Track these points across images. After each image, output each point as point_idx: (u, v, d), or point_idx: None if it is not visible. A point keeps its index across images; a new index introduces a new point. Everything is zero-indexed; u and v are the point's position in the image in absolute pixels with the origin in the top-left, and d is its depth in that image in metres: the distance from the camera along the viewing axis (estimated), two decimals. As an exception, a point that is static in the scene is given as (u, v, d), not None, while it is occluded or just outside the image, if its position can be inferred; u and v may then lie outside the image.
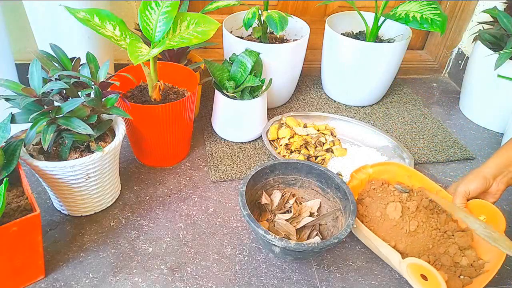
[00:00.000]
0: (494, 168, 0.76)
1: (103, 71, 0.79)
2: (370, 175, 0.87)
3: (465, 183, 0.77)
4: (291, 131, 1.06)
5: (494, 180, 0.76)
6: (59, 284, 0.72)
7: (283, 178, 0.87)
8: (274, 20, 1.00)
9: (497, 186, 0.76)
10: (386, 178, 0.87)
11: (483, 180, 0.75)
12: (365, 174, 0.86)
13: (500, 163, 0.76)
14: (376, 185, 0.85)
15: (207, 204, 0.90)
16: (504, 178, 0.76)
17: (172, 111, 0.88)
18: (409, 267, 0.68)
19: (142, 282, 0.74)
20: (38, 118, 0.70)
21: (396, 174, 0.87)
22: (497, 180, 0.76)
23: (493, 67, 1.10)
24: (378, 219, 0.80)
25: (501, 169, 0.76)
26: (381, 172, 0.87)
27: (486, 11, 1.21)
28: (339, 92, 1.28)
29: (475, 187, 0.76)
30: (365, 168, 0.86)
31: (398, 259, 0.71)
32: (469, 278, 0.73)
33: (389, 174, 0.87)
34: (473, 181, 0.76)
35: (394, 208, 0.79)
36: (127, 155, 1.02)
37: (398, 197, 0.81)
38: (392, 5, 1.39)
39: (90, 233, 0.82)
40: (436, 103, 1.35)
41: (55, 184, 0.76)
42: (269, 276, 0.77)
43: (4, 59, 1.00)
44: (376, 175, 0.87)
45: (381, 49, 1.15)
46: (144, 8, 0.82)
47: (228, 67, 1.05)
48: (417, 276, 0.67)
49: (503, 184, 0.76)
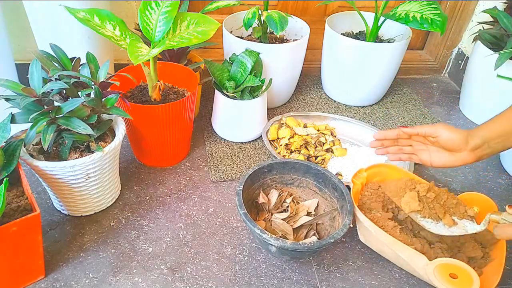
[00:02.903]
0: (480, 139, 0.70)
1: (103, 71, 0.79)
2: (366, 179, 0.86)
3: (445, 126, 0.72)
4: (291, 131, 1.06)
5: (470, 150, 0.70)
6: (59, 284, 0.72)
7: (280, 178, 0.87)
8: (274, 20, 1.00)
9: (466, 155, 0.71)
10: (380, 180, 0.86)
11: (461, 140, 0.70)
12: (362, 179, 0.86)
13: (485, 136, 0.69)
14: (373, 189, 0.85)
15: (207, 204, 0.91)
16: (479, 153, 0.70)
17: (172, 111, 0.88)
18: (437, 268, 0.68)
19: (142, 282, 0.74)
20: (38, 118, 0.70)
21: (388, 175, 0.87)
22: (474, 151, 0.70)
23: (493, 67, 1.09)
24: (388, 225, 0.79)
25: (483, 142, 0.69)
26: (374, 174, 0.87)
27: (486, 11, 1.21)
28: (339, 92, 1.28)
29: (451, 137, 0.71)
30: (360, 173, 0.86)
31: (424, 261, 0.69)
32: (480, 269, 0.73)
33: (381, 176, 0.87)
34: (454, 132, 0.71)
35: (410, 197, 0.76)
36: (127, 155, 1.02)
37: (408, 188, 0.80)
38: (392, 5, 1.39)
39: (90, 233, 0.82)
40: (436, 103, 1.35)
41: (55, 184, 0.76)
42: (269, 276, 0.77)
43: (4, 59, 1.00)
44: (370, 178, 0.86)
45: (381, 49, 1.15)
46: (144, 8, 0.82)
47: (228, 67, 1.05)
48: (446, 276, 0.67)
49: (473, 158, 0.71)
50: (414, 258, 0.71)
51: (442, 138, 0.72)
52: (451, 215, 0.75)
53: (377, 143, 0.83)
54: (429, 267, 0.68)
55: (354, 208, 0.76)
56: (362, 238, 0.81)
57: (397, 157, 0.82)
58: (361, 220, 0.75)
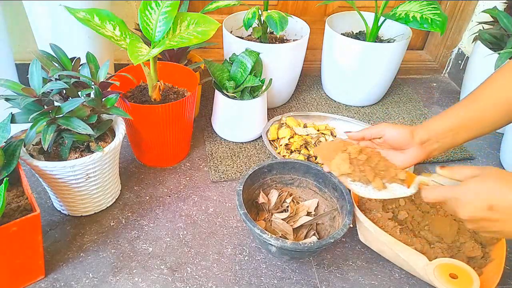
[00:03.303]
0: (425, 132, 0.67)
1: (103, 71, 0.79)
2: None
3: (388, 124, 0.70)
4: (291, 131, 1.06)
5: (418, 145, 0.68)
6: (59, 284, 0.72)
7: (280, 178, 0.87)
8: (274, 20, 1.00)
9: (417, 151, 0.68)
10: None
11: (407, 135, 0.68)
12: None
13: (431, 129, 0.68)
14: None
15: (207, 204, 0.91)
16: (428, 147, 0.68)
17: (172, 111, 0.88)
18: (437, 268, 0.68)
19: (142, 282, 0.74)
20: (38, 118, 0.70)
21: None
22: (422, 145, 0.68)
23: (493, 67, 1.09)
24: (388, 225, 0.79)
25: (430, 136, 0.67)
26: None
27: (486, 11, 1.21)
28: (339, 92, 1.28)
29: (396, 133, 0.69)
30: None
31: (424, 261, 0.69)
32: (480, 269, 0.73)
33: None
34: (398, 128, 0.69)
35: (341, 160, 0.72)
36: (127, 155, 1.02)
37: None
38: (392, 5, 1.39)
39: (90, 233, 0.82)
40: (436, 103, 1.35)
41: (55, 184, 0.76)
42: (269, 276, 0.77)
43: (4, 59, 1.00)
44: None
45: (381, 49, 1.15)
46: (144, 8, 0.82)
47: (228, 67, 1.05)
48: (446, 276, 0.67)
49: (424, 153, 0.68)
50: (414, 258, 0.71)
51: (387, 136, 0.70)
52: (382, 178, 0.70)
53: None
54: (429, 267, 0.68)
55: (354, 208, 0.75)
56: (362, 238, 0.81)
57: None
58: (361, 220, 0.75)
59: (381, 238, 0.73)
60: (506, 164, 1.08)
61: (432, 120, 0.69)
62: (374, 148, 0.74)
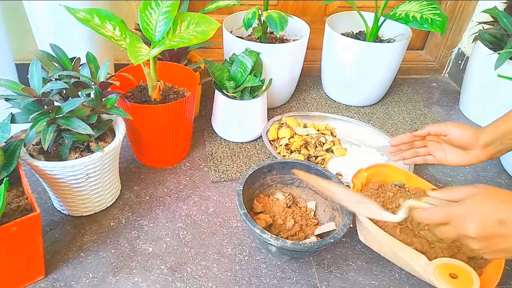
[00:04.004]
0: (490, 136, 0.70)
1: (103, 71, 0.79)
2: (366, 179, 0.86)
3: (454, 124, 0.73)
4: (291, 131, 1.06)
5: (482, 148, 0.71)
6: (59, 284, 0.72)
7: (280, 178, 0.87)
8: (274, 20, 1.01)
9: (479, 153, 0.71)
10: (379, 180, 0.86)
11: (472, 137, 0.70)
12: (362, 179, 0.86)
13: (496, 132, 0.70)
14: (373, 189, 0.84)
15: (207, 204, 0.91)
16: (491, 150, 0.70)
17: (172, 111, 0.88)
18: (437, 268, 0.68)
19: (142, 282, 0.74)
20: (38, 118, 0.70)
21: (388, 175, 0.87)
22: (486, 149, 0.71)
23: (493, 67, 1.09)
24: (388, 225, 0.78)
25: (494, 140, 0.70)
26: (374, 174, 0.87)
27: (486, 11, 1.21)
28: (339, 92, 1.28)
29: (461, 134, 0.71)
30: (360, 173, 0.86)
31: (424, 261, 0.69)
32: (480, 269, 0.73)
33: (381, 176, 0.87)
34: (464, 129, 0.71)
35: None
36: (127, 155, 1.02)
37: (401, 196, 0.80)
38: (392, 5, 1.39)
39: (90, 233, 0.82)
40: (436, 103, 1.36)
41: (55, 184, 0.76)
42: (269, 276, 0.77)
43: (4, 59, 1.00)
44: (370, 178, 0.86)
45: (381, 49, 1.15)
46: (144, 8, 0.82)
47: (228, 67, 1.05)
48: (445, 276, 0.67)
49: (486, 155, 0.71)
50: (414, 258, 0.71)
51: (453, 135, 0.73)
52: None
53: (394, 149, 0.84)
54: (429, 267, 0.68)
55: None
56: (362, 238, 0.81)
57: (411, 161, 0.83)
58: (361, 220, 0.75)
59: (381, 238, 0.73)
60: (507, 164, 1.08)
61: (496, 122, 0.71)
62: (440, 143, 0.78)
